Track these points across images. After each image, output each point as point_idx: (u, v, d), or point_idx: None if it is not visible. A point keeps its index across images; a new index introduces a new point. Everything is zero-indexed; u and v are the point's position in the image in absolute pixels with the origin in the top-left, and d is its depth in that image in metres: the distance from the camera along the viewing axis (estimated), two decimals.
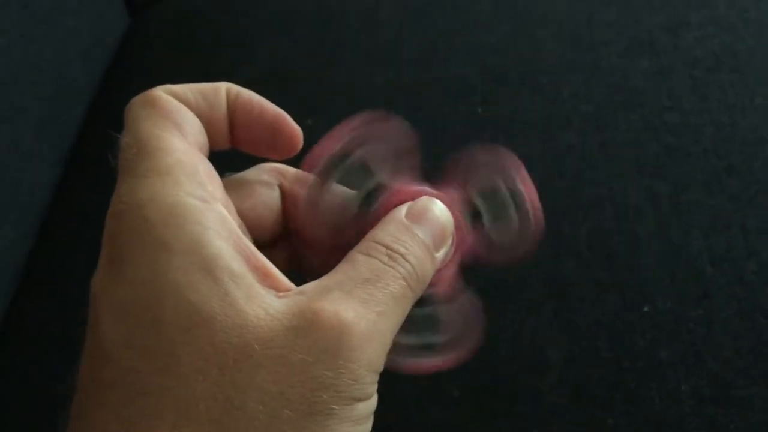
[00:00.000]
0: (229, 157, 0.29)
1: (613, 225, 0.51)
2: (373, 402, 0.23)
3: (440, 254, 0.27)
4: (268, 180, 0.29)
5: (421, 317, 0.27)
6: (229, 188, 0.27)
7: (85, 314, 0.24)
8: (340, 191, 0.29)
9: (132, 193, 0.23)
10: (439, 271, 0.27)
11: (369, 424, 0.23)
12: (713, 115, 0.56)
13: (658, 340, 0.46)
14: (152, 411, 0.20)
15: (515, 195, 0.28)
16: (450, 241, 0.28)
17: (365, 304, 0.23)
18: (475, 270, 0.29)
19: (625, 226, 0.51)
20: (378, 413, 0.23)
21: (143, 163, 0.23)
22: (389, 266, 0.25)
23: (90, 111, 0.76)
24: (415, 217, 0.27)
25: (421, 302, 0.27)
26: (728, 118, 0.55)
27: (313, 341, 0.21)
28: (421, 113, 0.62)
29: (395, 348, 0.25)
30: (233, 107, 0.27)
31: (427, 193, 0.28)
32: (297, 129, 0.28)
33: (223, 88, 0.27)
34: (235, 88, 0.27)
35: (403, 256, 0.25)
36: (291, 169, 0.30)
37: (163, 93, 0.25)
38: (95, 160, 0.71)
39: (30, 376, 0.56)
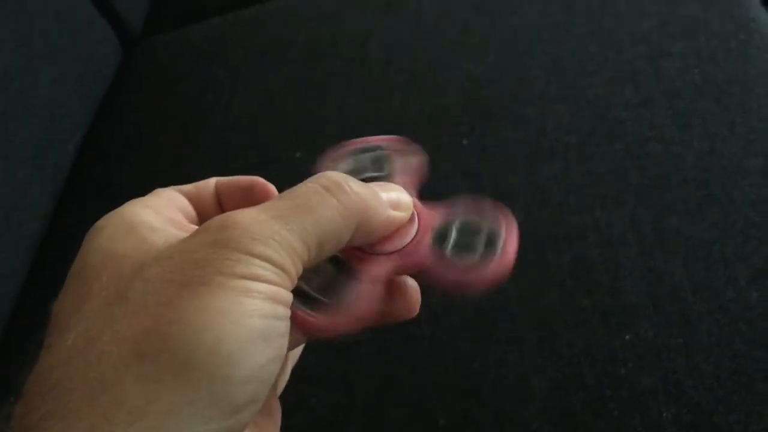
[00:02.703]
0: None
1: (595, 253, 0.52)
2: (273, 289, 0.23)
3: (396, 214, 0.28)
4: None
5: (323, 272, 0.28)
6: None
7: None
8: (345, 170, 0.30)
9: None
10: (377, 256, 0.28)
11: (270, 307, 0.23)
12: (694, 144, 0.57)
13: (640, 368, 0.46)
14: (61, 329, 0.23)
15: (492, 235, 0.29)
16: (408, 211, 0.28)
17: (261, 210, 0.24)
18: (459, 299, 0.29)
19: (608, 254, 0.52)
20: None
21: None
22: (307, 181, 0.26)
23: (84, 142, 0.77)
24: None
25: (334, 262, 0.28)
26: (709, 147, 0.56)
27: (198, 239, 0.24)
28: None
29: (297, 294, 0.25)
30: (219, 185, 0.31)
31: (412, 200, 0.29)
32: (269, 184, 0.31)
33: (213, 179, 0.31)
34: (223, 177, 0.32)
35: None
36: None
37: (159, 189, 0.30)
38: (89, 191, 0.72)
39: None
